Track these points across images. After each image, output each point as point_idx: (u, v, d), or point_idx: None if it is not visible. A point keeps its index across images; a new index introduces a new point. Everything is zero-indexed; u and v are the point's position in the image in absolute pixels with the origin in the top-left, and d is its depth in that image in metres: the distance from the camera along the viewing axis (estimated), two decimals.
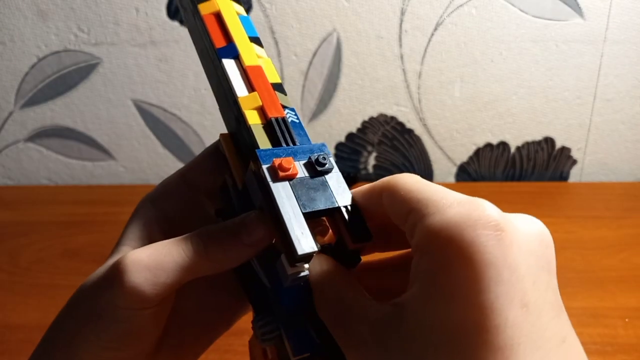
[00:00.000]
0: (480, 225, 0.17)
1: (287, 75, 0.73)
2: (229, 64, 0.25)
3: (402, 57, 0.72)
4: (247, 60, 0.25)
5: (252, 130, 0.23)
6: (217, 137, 0.27)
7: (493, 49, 0.71)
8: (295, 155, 0.22)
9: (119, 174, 0.81)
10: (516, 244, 0.18)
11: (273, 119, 0.23)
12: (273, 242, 0.22)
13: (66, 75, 0.74)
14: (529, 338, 0.16)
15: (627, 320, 0.49)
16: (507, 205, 0.77)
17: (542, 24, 0.70)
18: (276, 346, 0.23)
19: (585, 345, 0.49)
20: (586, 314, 0.49)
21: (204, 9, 0.26)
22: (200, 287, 0.26)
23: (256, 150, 0.22)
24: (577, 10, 0.69)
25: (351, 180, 0.77)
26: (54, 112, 0.76)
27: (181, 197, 0.27)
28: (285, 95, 0.25)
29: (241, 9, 0.27)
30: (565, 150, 0.78)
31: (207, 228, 0.23)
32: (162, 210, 0.27)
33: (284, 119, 0.24)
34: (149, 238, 0.26)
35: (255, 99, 0.24)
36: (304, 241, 0.19)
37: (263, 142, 0.23)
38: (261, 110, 0.24)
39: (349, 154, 0.79)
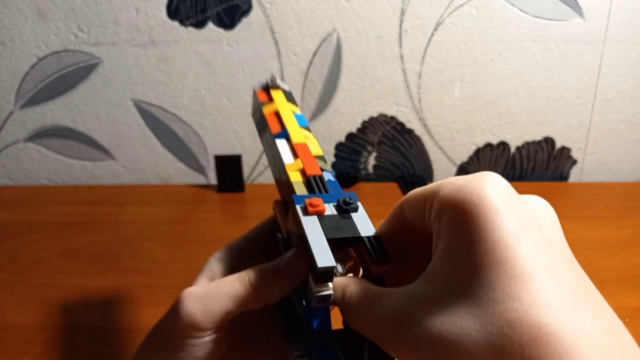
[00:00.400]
0: (488, 183, 0.19)
1: (287, 75, 0.73)
2: (281, 143, 0.32)
3: (402, 57, 0.72)
4: (295, 139, 0.32)
5: (292, 185, 0.28)
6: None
7: (493, 49, 0.71)
8: (325, 198, 0.26)
9: (119, 174, 0.81)
10: (522, 201, 0.20)
11: (311, 177, 0.29)
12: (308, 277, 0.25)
13: (66, 75, 0.74)
14: (543, 271, 0.18)
15: (627, 320, 0.49)
16: None
17: (542, 24, 0.70)
18: None
19: None
20: None
21: (266, 109, 0.35)
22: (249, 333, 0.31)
23: (292, 195, 0.27)
24: (577, 10, 0.69)
25: (351, 181, 0.77)
26: (54, 112, 0.76)
27: (242, 253, 0.32)
28: (326, 162, 0.31)
29: (297, 109, 0.36)
30: (565, 150, 0.78)
31: (253, 266, 0.27)
32: (226, 263, 0.31)
33: (320, 176, 0.29)
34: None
35: (298, 164, 0.30)
36: (323, 257, 0.22)
37: (301, 192, 0.28)
38: (302, 172, 0.29)
39: (349, 154, 0.79)
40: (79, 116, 0.77)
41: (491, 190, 0.19)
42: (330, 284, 0.23)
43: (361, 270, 0.25)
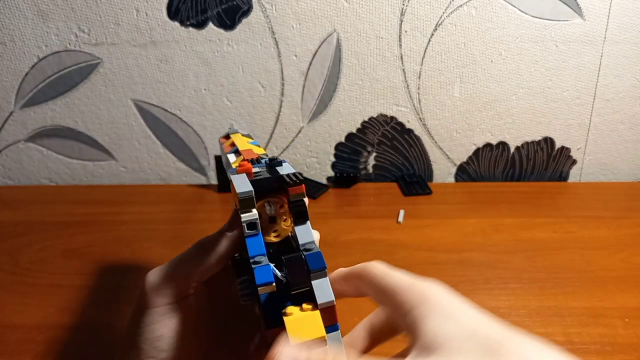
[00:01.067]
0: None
1: (287, 75, 0.73)
2: (231, 155, 0.38)
3: (401, 58, 0.72)
4: (242, 148, 0.39)
5: (231, 165, 0.35)
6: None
7: (492, 49, 0.71)
8: (255, 165, 0.33)
9: (120, 174, 0.81)
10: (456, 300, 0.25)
11: (248, 159, 0.34)
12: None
13: (66, 76, 0.74)
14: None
15: (627, 320, 0.49)
16: (506, 205, 0.77)
17: (542, 24, 0.70)
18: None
19: (585, 345, 0.49)
20: (586, 314, 0.49)
21: (225, 144, 0.43)
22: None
23: (229, 169, 0.33)
24: (577, 10, 0.69)
25: (351, 181, 0.78)
26: (54, 112, 0.77)
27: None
28: (266, 156, 0.37)
29: (250, 139, 0.43)
30: (564, 150, 0.78)
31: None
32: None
33: (256, 158, 0.34)
34: None
35: (240, 159, 0.36)
36: (243, 187, 0.28)
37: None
38: (242, 160, 0.35)
39: (349, 154, 0.79)
40: (80, 116, 0.77)
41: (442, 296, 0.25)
42: (254, 210, 0.28)
43: (286, 205, 0.30)
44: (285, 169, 0.31)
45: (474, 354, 0.21)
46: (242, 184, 0.28)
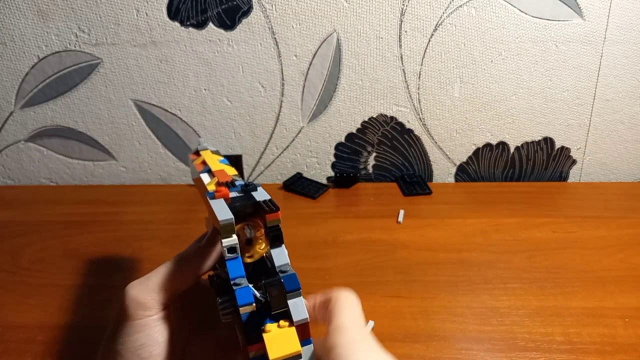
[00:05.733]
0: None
1: (287, 75, 0.73)
2: (204, 175, 0.40)
3: (401, 58, 0.72)
4: (214, 168, 0.40)
5: (207, 188, 0.36)
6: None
7: (492, 49, 0.71)
8: (231, 189, 0.35)
9: (120, 174, 0.81)
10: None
11: (222, 182, 0.36)
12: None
13: (66, 76, 0.74)
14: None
15: (626, 320, 0.49)
16: (506, 205, 0.77)
17: (542, 24, 0.70)
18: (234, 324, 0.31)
19: (585, 345, 0.49)
20: (586, 314, 0.50)
21: (196, 162, 0.44)
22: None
23: (207, 193, 0.33)
24: (577, 10, 0.69)
25: (351, 181, 0.78)
26: (55, 112, 0.77)
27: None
28: (240, 178, 0.39)
29: (221, 157, 0.45)
30: (564, 150, 0.78)
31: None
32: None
33: (230, 181, 0.36)
34: None
35: (214, 180, 0.38)
36: (224, 214, 0.30)
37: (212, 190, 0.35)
38: (217, 183, 0.37)
39: (349, 154, 0.79)
40: (80, 116, 0.77)
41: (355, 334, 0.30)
42: (234, 236, 0.30)
43: (263, 229, 0.32)
44: (260, 195, 0.33)
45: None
46: (222, 211, 0.30)
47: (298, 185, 0.77)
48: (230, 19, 0.70)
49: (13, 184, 0.82)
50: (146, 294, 0.30)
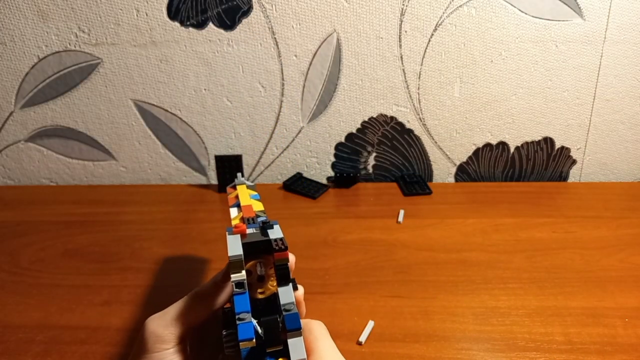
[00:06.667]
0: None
1: (287, 75, 0.73)
2: (233, 209, 0.43)
3: (401, 58, 0.72)
4: (243, 202, 0.42)
5: (232, 222, 0.38)
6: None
7: (492, 49, 0.71)
8: (250, 225, 0.36)
9: (120, 174, 0.81)
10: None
11: (245, 217, 0.38)
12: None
13: (66, 75, 0.74)
14: None
15: (626, 320, 0.49)
16: (506, 205, 0.77)
17: (542, 24, 0.70)
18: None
19: (585, 345, 0.49)
20: (586, 314, 0.50)
21: (230, 194, 0.46)
22: None
23: (227, 228, 0.35)
24: (577, 10, 0.69)
25: (351, 181, 0.78)
26: (55, 112, 0.77)
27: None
28: (264, 214, 0.40)
29: (254, 192, 0.46)
30: (564, 150, 0.78)
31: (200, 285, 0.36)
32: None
33: (253, 217, 0.38)
34: None
35: (239, 216, 0.40)
36: (234, 250, 0.32)
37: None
38: (241, 218, 0.39)
39: (349, 154, 0.79)
40: (80, 116, 0.77)
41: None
42: (243, 272, 0.31)
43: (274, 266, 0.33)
44: (274, 233, 0.34)
45: None
46: (234, 247, 0.32)
47: (298, 185, 0.77)
48: (230, 19, 0.70)
49: (13, 184, 0.82)
50: (164, 328, 0.32)
